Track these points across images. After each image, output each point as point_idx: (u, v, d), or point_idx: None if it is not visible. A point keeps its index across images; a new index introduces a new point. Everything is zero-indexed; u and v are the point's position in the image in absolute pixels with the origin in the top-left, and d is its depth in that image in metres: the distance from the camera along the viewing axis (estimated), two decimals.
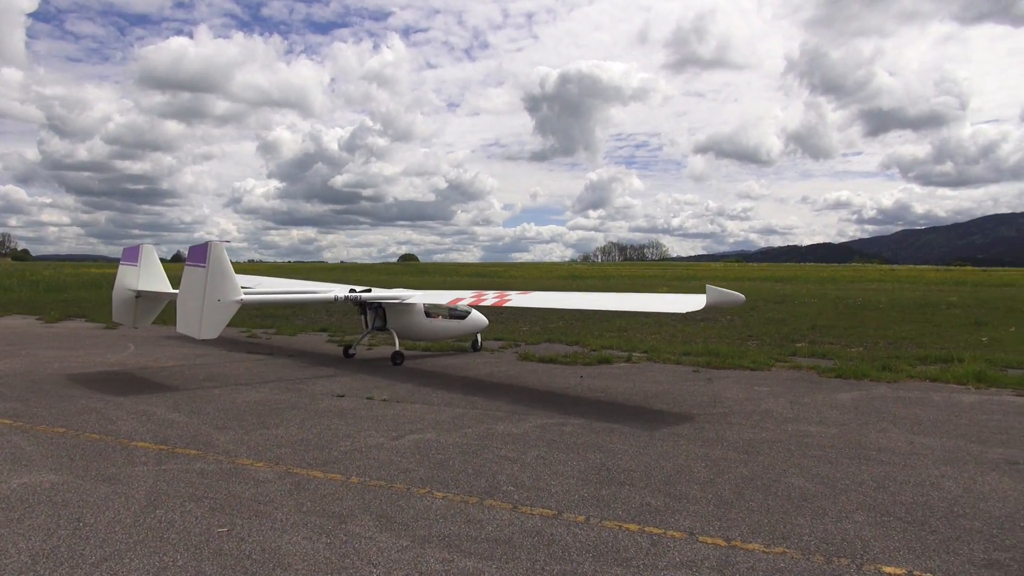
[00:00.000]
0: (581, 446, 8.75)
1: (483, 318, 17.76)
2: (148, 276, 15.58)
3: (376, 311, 16.29)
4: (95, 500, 6.70)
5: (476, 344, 18.33)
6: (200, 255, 12.82)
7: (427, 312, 16.39)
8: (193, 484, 7.20)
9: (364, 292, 16.04)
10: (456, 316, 16.99)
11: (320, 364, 15.79)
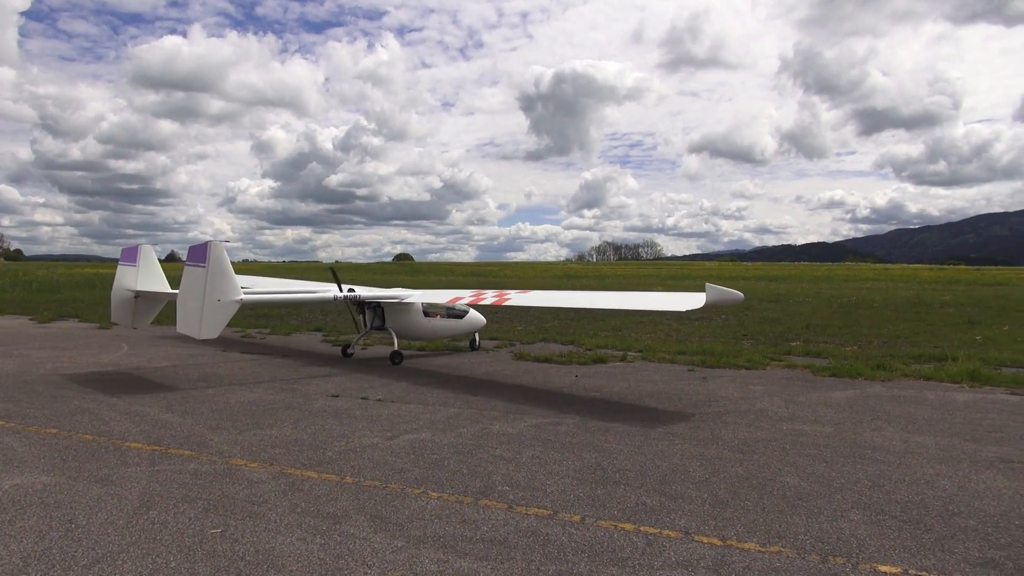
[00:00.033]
0: (576, 446, 8.74)
1: (481, 317, 17.77)
2: (147, 276, 15.56)
3: (375, 310, 16.27)
4: (88, 501, 6.66)
5: (474, 343, 18.32)
6: (200, 255, 12.82)
7: (425, 311, 16.38)
8: (186, 485, 7.16)
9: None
10: (454, 315, 16.98)
11: (315, 364, 15.74)
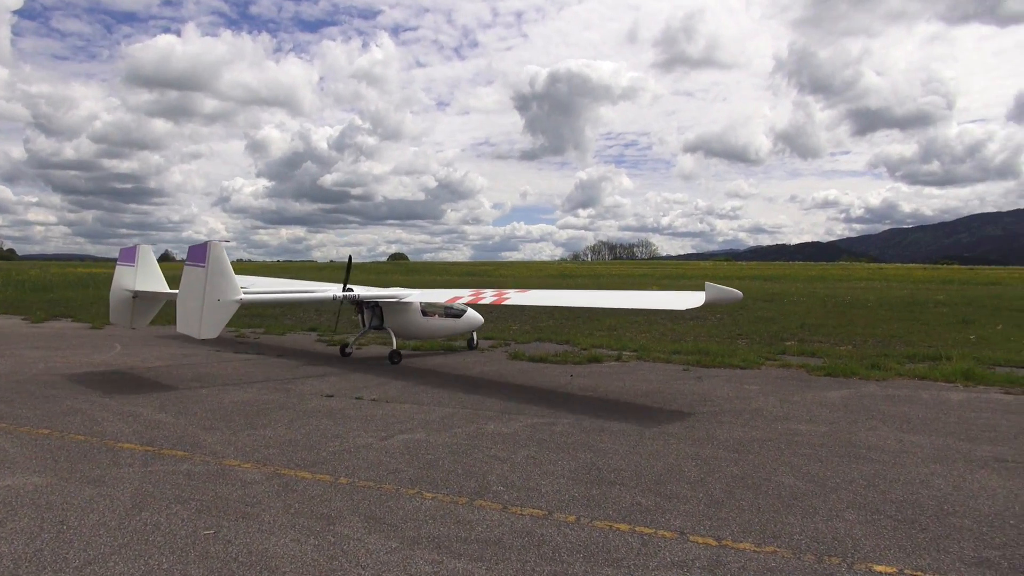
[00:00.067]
0: (571, 445, 8.72)
1: (479, 316, 17.80)
2: (145, 276, 15.52)
3: (373, 310, 16.26)
4: (79, 502, 6.61)
5: (472, 342, 18.33)
6: (200, 255, 12.79)
7: (424, 311, 16.38)
8: (179, 486, 7.12)
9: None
10: (452, 315, 17.00)
11: (309, 364, 15.69)
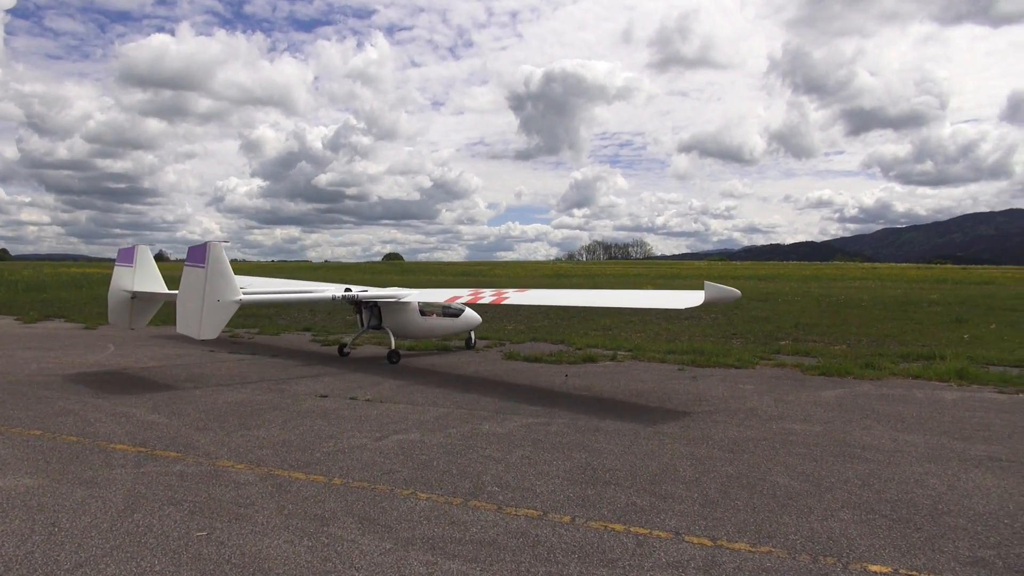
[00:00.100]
0: (566, 445, 8.70)
1: (477, 316, 17.82)
2: (144, 277, 15.46)
3: (371, 310, 16.26)
4: (71, 504, 6.56)
5: (470, 341, 18.33)
6: (199, 255, 12.75)
7: (422, 310, 16.38)
8: (172, 487, 7.07)
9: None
10: (450, 314, 17.01)
11: (303, 364, 15.64)
